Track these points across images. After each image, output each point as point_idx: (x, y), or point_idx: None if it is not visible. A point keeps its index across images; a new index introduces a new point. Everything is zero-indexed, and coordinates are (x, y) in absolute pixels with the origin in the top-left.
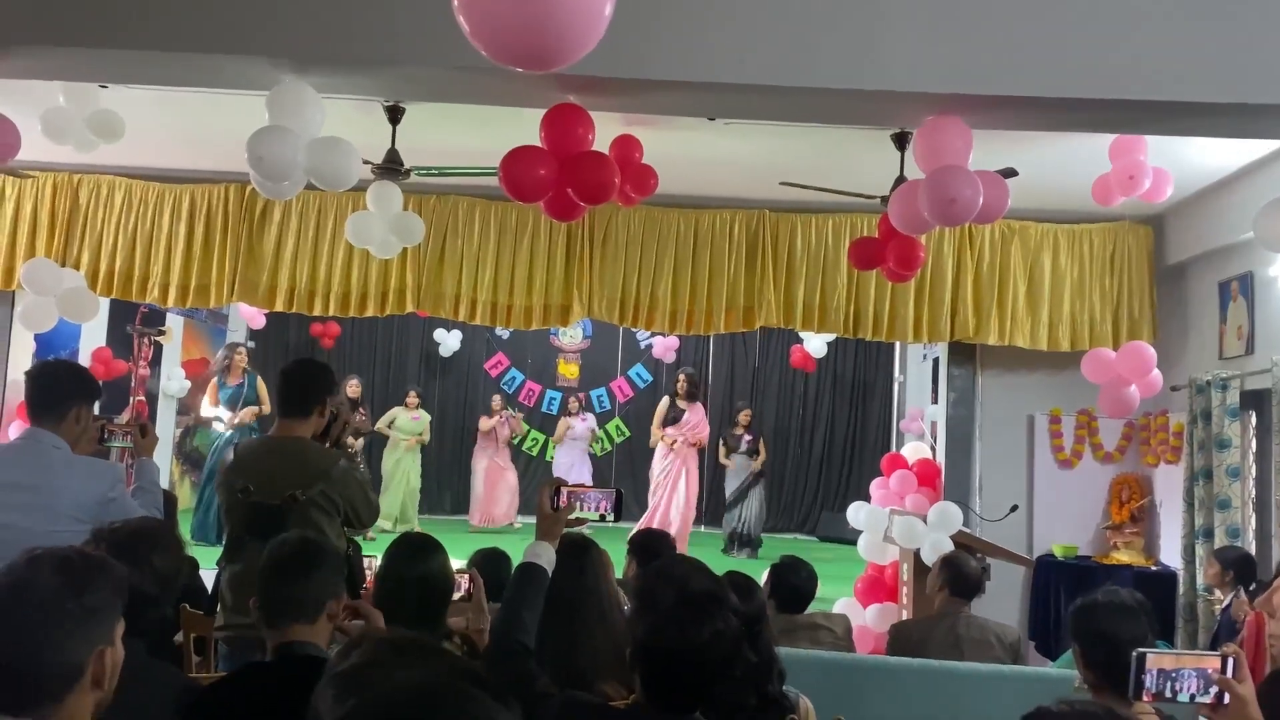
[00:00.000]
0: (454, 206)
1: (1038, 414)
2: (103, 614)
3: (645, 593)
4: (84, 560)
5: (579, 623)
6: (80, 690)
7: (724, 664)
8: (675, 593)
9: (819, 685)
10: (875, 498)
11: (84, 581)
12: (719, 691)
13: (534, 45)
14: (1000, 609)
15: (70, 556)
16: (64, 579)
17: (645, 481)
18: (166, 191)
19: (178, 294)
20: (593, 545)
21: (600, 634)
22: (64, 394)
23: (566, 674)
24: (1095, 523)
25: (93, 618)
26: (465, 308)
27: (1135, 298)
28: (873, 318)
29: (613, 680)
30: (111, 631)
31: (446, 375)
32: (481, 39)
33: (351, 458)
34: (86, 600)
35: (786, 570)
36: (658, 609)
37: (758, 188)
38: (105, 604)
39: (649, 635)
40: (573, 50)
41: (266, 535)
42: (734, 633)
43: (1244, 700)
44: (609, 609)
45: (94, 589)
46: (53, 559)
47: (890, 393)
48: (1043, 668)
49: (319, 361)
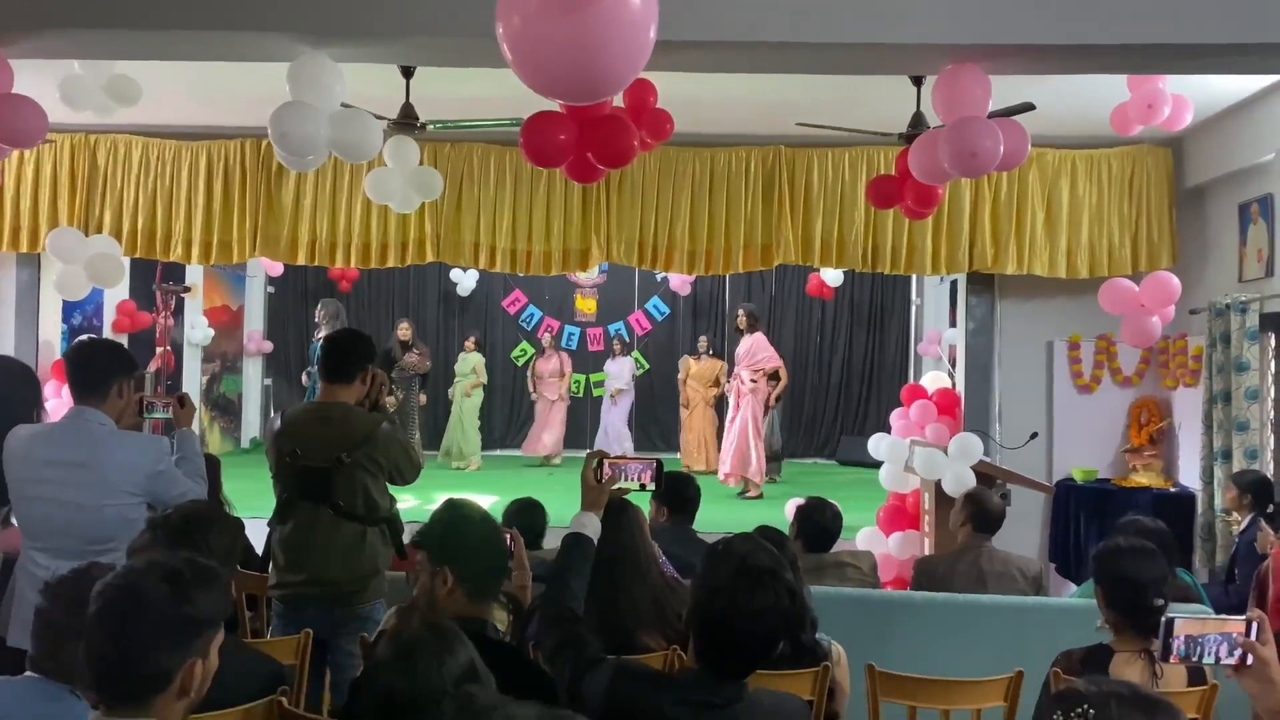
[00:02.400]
0: (469, 154)
1: (1056, 340)
2: (203, 626)
3: (708, 564)
4: (194, 571)
5: (619, 577)
6: (166, 696)
7: (774, 635)
8: (736, 564)
9: (847, 622)
10: (895, 428)
11: (191, 592)
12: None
13: (582, 88)
14: (1021, 533)
15: (181, 568)
16: (172, 588)
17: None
18: (184, 149)
19: (200, 251)
20: (628, 504)
21: (638, 587)
22: (104, 372)
23: (609, 626)
24: (1115, 446)
25: (192, 629)
26: (485, 255)
27: (1154, 222)
28: (890, 252)
29: (652, 631)
30: (209, 644)
31: (465, 314)
32: (526, 76)
33: (393, 419)
34: (189, 610)
35: (813, 510)
36: (718, 577)
37: (773, 124)
38: (207, 616)
39: (707, 602)
40: (620, 84)
41: (315, 497)
42: (785, 609)
43: (1266, 661)
44: (646, 563)
45: (199, 601)
46: (164, 566)
47: (907, 316)
48: (1065, 599)
49: (361, 332)
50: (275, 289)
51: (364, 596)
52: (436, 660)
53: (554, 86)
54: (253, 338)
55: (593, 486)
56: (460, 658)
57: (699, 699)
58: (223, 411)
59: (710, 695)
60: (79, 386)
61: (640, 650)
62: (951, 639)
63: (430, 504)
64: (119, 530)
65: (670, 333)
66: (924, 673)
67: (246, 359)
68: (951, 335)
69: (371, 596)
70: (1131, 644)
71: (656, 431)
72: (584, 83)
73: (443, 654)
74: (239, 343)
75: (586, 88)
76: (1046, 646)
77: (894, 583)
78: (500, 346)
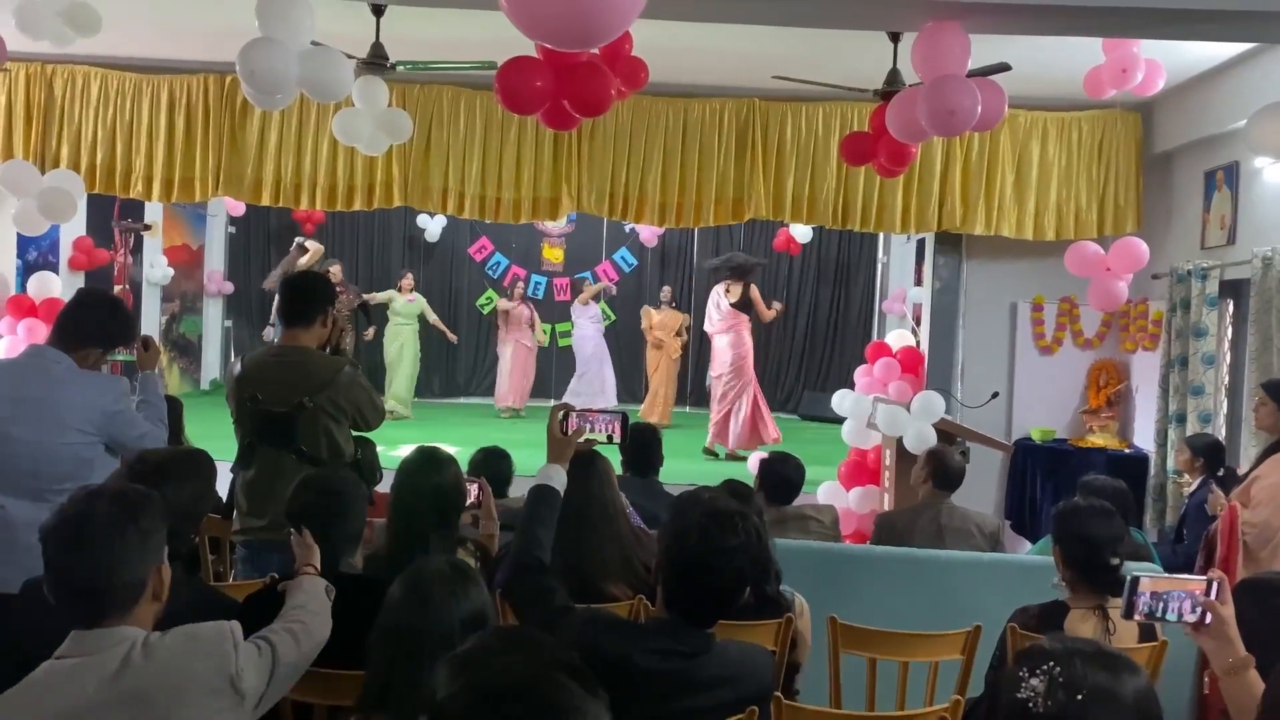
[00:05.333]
0: (439, 97)
1: (1020, 302)
2: (154, 537)
3: (676, 511)
4: (135, 492)
5: (586, 528)
6: (145, 601)
7: (742, 577)
8: (704, 508)
9: (809, 574)
10: (859, 385)
11: (137, 510)
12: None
13: (577, 33)
14: (979, 490)
15: (124, 490)
16: (119, 509)
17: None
18: (145, 83)
19: (161, 188)
20: (597, 455)
21: (607, 537)
22: (84, 337)
23: (576, 576)
24: (1073, 407)
25: (148, 540)
26: (453, 201)
27: (1121, 186)
28: (861, 209)
29: (619, 581)
30: (161, 551)
31: (430, 260)
32: (520, 18)
33: (355, 363)
34: (142, 524)
35: (776, 462)
36: (686, 521)
37: (749, 77)
38: (155, 528)
39: (675, 544)
40: (616, 30)
41: (277, 442)
42: (754, 550)
43: (1224, 620)
44: (615, 514)
45: (146, 516)
46: (108, 492)
47: (874, 274)
48: (1022, 555)
49: (320, 275)
50: (237, 229)
51: None
52: (452, 598)
53: (548, 30)
54: (213, 278)
55: (559, 439)
56: (475, 600)
57: (667, 647)
58: (182, 352)
59: (678, 644)
60: (56, 332)
61: (606, 600)
62: (911, 593)
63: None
64: (76, 469)
65: (638, 285)
66: (884, 626)
67: (207, 299)
68: (916, 293)
69: None
70: (1086, 600)
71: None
72: (580, 28)
73: (458, 592)
74: (199, 283)
75: (582, 33)
76: (1003, 602)
77: (854, 537)
78: (466, 293)
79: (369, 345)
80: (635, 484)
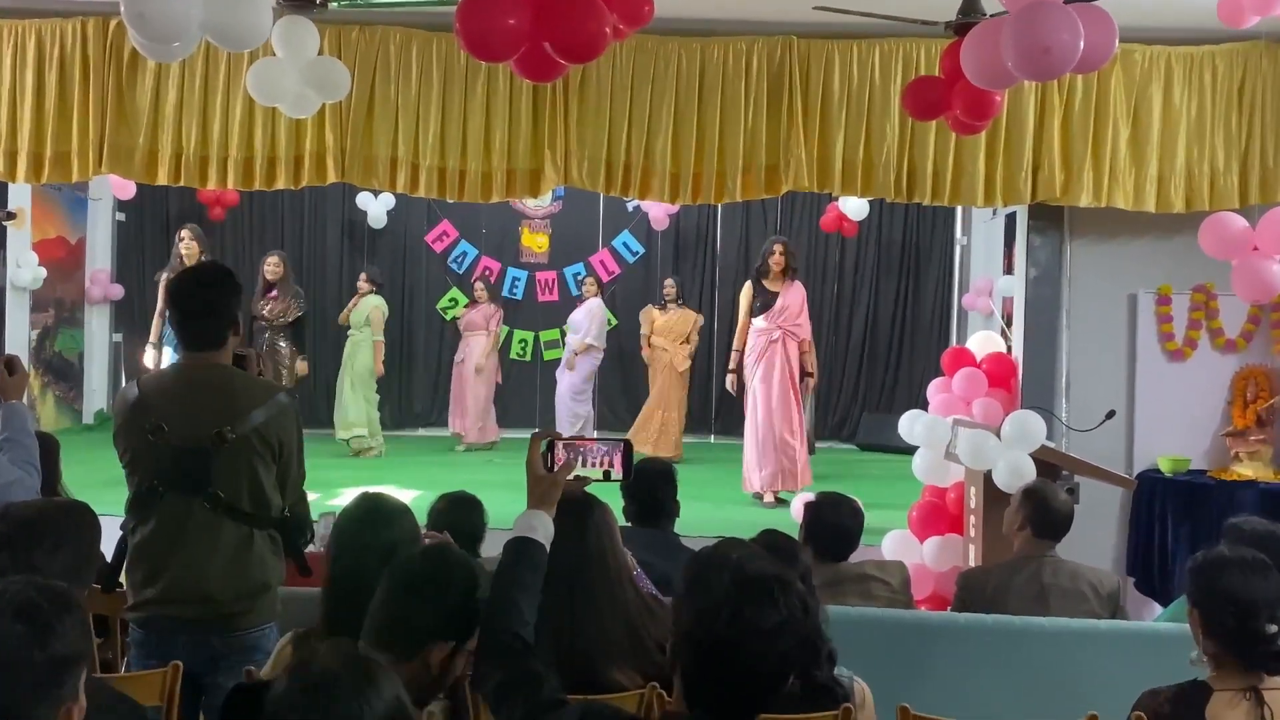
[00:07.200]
0: (384, 41)
1: (1141, 293)
2: (70, 664)
3: (696, 576)
4: (49, 598)
5: (580, 596)
6: None
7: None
8: (732, 574)
9: (872, 651)
10: (934, 404)
11: (49, 628)
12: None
13: None
14: (1092, 539)
15: (33, 598)
16: (26, 627)
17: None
18: (4, 30)
19: (29, 166)
20: (594, 502)
21: (607, 609)
22: None
23: (569, 659)
24: (1213, 429)
25: (61, 671)
26: (405, 176)
27: (1271, 141)
28: (932, 177)
29: (625, 665)
30: (78, 682)
31: (376, 253)
32: None
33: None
34: (53, 649)
35: (827, 508)
36: (710, 592)
37: (783, 8)
38: (72, 652)
39: (698, 624)
40: None
41: (186, 487)
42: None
43: None
44: (618, 576)
45: (60, 635)
46: (14, 602)
47: (950, 260)
48: (1149, 624)
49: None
50: (127, 217)
51: (251, 619)
52: (359, 699)
53: None
54: (97, 280)
55: (542, 476)
56: (386, 695)
57: None
58: (59, 376)
59: None
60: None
61: (609, 689)
62: (1004, 672)
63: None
64: None
65: (644, 278)
66: (970, 717)
67: (90, 307)
68: (1007, 285)
69: (260, 619)
70: (1235, 680)
71: (624, 405)
72: None
73: (367, 691)
74: (79, 286)
75: None
76: (1125, 683)
77: (931, 601)
78: (424, 295)
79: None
80: (643, 536)
